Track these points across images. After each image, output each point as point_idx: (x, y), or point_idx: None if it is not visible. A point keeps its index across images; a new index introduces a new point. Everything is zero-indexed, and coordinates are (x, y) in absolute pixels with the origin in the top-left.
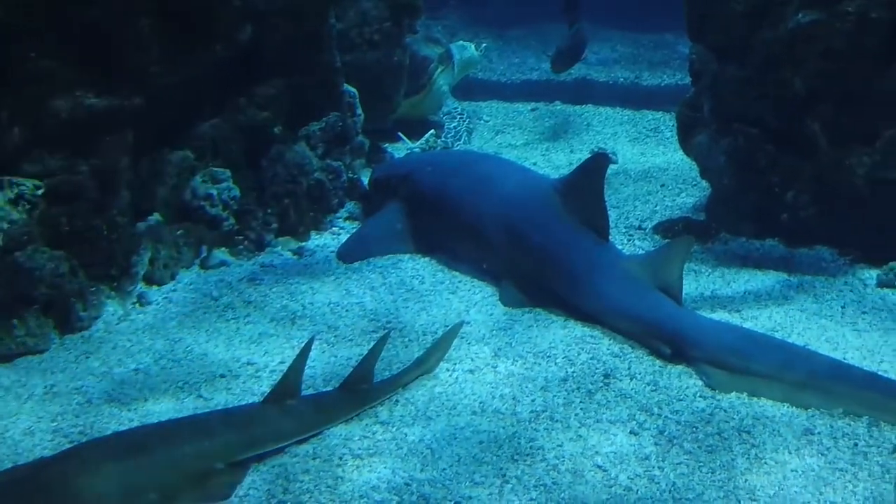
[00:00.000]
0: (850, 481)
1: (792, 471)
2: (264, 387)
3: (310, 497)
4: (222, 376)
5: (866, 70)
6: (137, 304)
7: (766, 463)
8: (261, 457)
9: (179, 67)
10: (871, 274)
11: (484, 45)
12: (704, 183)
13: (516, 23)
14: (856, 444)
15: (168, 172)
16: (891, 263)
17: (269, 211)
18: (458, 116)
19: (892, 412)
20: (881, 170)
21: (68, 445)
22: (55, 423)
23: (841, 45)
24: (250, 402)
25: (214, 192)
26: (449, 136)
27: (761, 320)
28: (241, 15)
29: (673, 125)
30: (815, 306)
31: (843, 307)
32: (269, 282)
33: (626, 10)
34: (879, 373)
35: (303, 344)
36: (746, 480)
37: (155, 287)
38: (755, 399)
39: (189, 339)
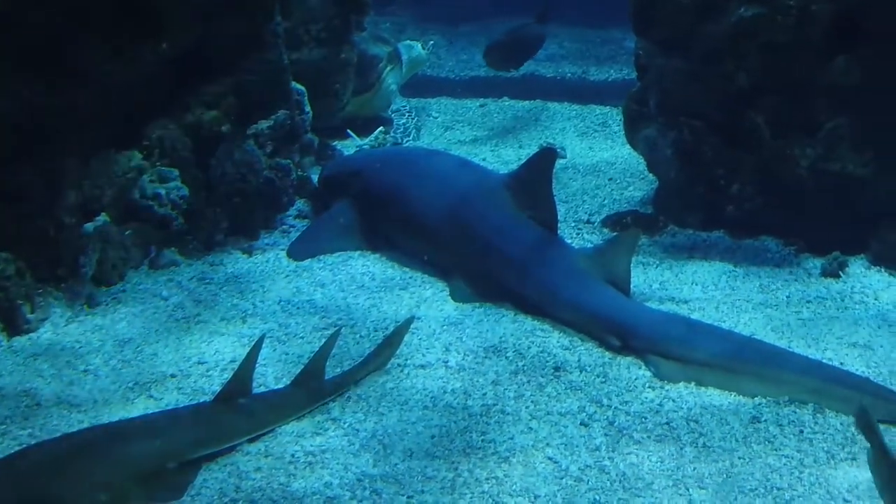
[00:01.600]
0: (795, 467)
1: (739, 458)
2: (215, 386)
3: (262, 495)
4: (173, 376)
5: (808, 63)
6: (86, 306)
7: (713, 451)
8: (212, 455)
9: (126, 67)
10: (816, 263)
11: (432, 42)
12: (651, 176)
13: (465, 19)
14: (801, 431)
15: (115, 172)
16: (834, 253)
17: (218, 210)
18: (407, 114)
19: (836, 399)
20: (823, 161)
21: (17, 448)
22: (4, 427)
23: (783, 38)
24: (201, 401)
25: (163, 191)
26: (398, 132)
27: (708, 311)
28: (188, 14)
29: (620, 119)
30: (760, 296)
31: (788, 297)
32: (219, 281)
33: (574, 6)
34: (824, 360)
35: (253, 342)
36: (695, 468)
37: (103, 288)
38: (703, 388)
39: (139, 340)
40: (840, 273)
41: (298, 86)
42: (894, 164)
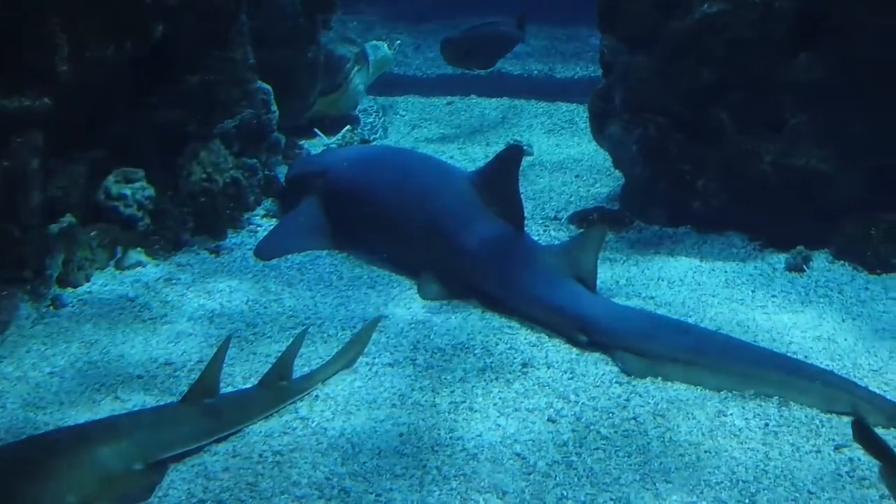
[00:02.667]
0: (761, 460)
1: (705, 452)
2: (182, 386)
3: (230, 495)
4: (139, 377)
5: (772, 59)
6: (52, 307)
7: (680, 445)
8: (180, 456)
9: (90, 67)
10: (780, 258)
11: (398, 41)
12: (618, 173)
13: (432, 17)
14: (766, 424)
15: (80, 173)
16: (798, 247)
17: (184, 210)
18: (375, 113)
19: (801, 392)
20: (787, 157)
21: None
22: None
23: (747, 34)
24: (168, 402)
25: (128, 191)
26: (365, 130)
27: (675, 306)
28: (153, 12)
29: (587, 116)
30: (726, 291)
31: (753, 291)
32: (186, 281)
33: (540, 4)
34: (788, 354)
35: (221, 342)
36: (661, 463)
37: (69, 289)
38: (669, 383)
39: (105, 341)
40: (804, 267)
41: (265, 85)
42: (856, 159)
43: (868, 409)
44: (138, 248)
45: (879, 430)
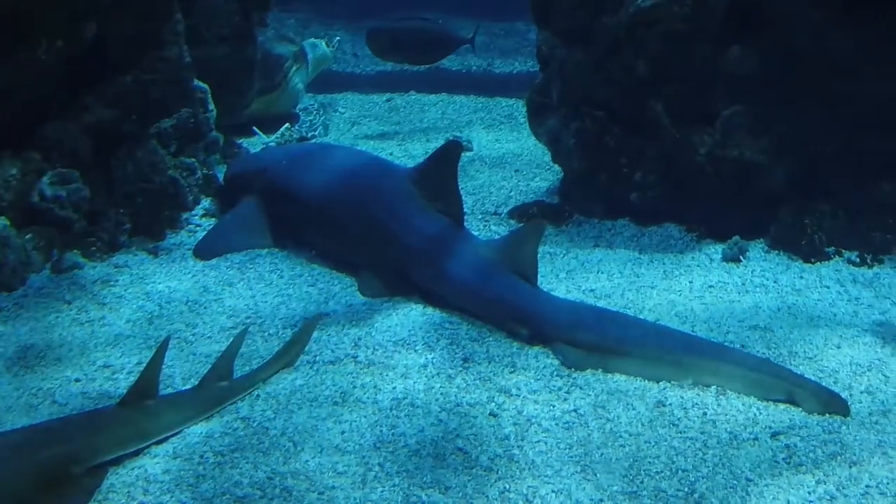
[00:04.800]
0: (700, 449)
1: (646, 442)
2: (121, 389)
3: (171, 497)
4: (77, 380)
5: (706, 52)
6: None
7: (620, 436)
8: (120, 459)
9: (21, 67)
10: (717, 249)
11: (338, 38)
12: (557, 167)
13: (369, 14)
14: (705, 413)
15: (14, 175)
16: (734, 238)
17: (121, 211)
18: (315, 111)
19: (738, 380)
20: (721, 148)
21: None
22: None
23: (680, 28)
24: (107, 404)
25: (63, 193)
26: (304, 127)
27: (614, 298)
28: (85, 11)
29: (526, 111)
30: (664, 282)
31: (690, 282)
32: (124, 282)
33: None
34: (726, 343)
35: (159, 343)
36: (602, 454)
37: (4, 293)
38: (609, 375)
39: (41, 345)
40: (741, 258)
41: (202, 84)
42: (790, 150)
43: (804, 395)
44: (75, 250)
45: (815, 417)
